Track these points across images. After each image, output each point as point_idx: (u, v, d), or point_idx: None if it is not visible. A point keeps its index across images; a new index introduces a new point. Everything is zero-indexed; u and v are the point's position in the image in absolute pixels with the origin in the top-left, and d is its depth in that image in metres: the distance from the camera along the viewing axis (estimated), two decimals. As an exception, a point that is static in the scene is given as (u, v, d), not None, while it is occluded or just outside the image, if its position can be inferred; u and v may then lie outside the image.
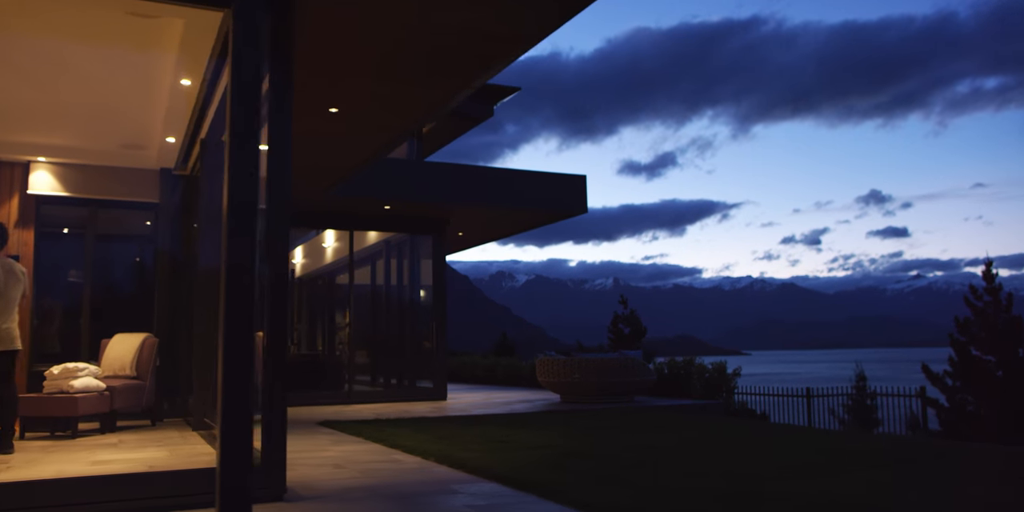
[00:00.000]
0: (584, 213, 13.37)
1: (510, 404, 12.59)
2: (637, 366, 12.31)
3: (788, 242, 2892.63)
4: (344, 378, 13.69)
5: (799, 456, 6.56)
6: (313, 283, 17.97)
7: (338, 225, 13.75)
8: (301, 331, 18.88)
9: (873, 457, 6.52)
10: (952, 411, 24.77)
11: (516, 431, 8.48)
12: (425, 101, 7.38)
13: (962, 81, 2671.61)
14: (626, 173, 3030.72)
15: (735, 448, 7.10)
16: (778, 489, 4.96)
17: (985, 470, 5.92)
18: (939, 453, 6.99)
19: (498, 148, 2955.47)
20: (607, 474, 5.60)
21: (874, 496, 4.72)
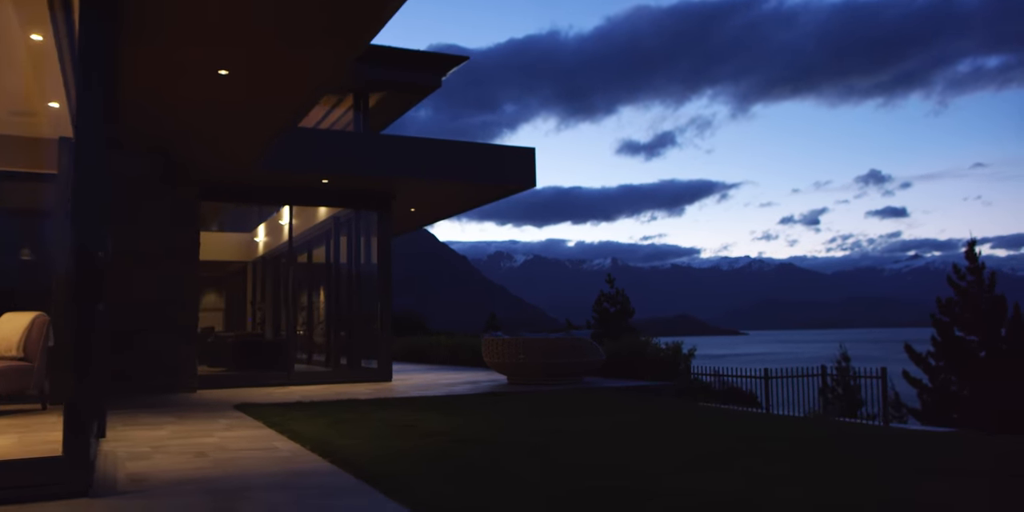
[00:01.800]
0: (532, 187, 12.82)
1: (453, 386, 12.13)
2: (585, 347, 11.84)
3: (787, 222, 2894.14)
4: (287, 359, 13.22)
5: (717, 445, 6.08)
6: (276, 262, 17.48)
7: (275, 200, 13.20)
8: (264, 311, 18.44)
9: (798, 445, 6.05)
10: (935, 391, 24.41)
11: (432, 415, 8.01)
12: (316, 61, 6.83)
13: (963, 60, 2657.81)
14: (625, 153, 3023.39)
15: (657, 435, 6.62)
16: (670, 484, 4.49)
17: (923, 462, 5.43)
18: (884, 440, 6.51)
19: (496, 128, 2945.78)
20: (488, 466, 5.12)
21: (750, 491, 4.25)
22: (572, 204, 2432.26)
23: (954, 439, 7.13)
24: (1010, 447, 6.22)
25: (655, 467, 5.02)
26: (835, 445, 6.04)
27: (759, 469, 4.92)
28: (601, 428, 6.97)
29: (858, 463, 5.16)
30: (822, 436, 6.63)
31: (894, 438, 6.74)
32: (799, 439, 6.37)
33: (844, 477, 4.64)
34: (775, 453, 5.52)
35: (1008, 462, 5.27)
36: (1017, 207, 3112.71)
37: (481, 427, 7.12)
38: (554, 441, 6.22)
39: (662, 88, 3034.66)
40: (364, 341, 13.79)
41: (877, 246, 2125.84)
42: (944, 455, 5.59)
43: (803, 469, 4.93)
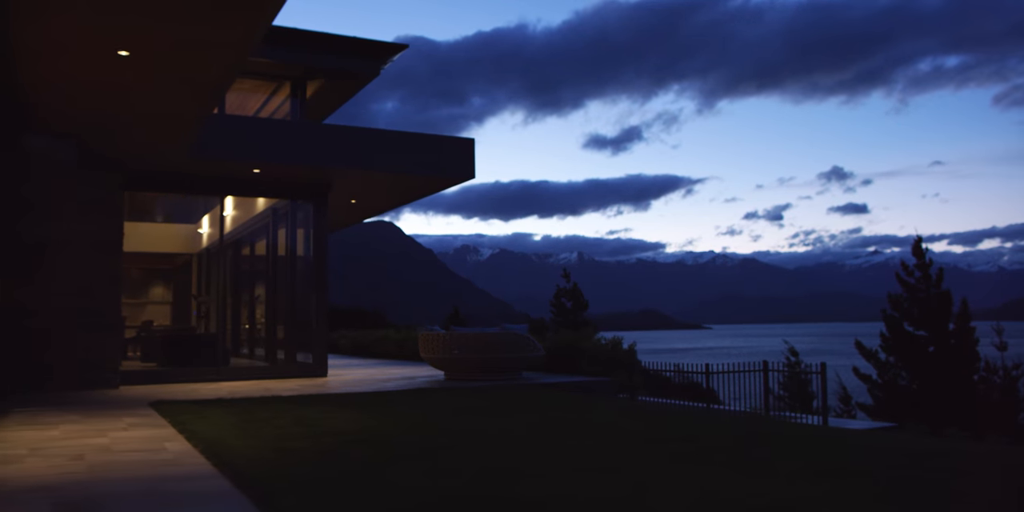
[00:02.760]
0: (471, 178, 12.56)
1: (387, 381, 11.85)
2: (522, 342, 11.62)
3: (751, 217, 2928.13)
4: (219, 354, 12.85)
5: (625, 446, 5.89)
6: (223, 254, 17.04)
7: (208, 190, 12.78)
8: (208, 305, 17.98)
9: (708, 446, 5.87)
10: (884, 386, 24.63)
11: (348, 413, 7.74)
12: (219, 39, 6.50)
13: (924, 59, 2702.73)
14: (592, 147, 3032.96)
15: (568, 435, 6.40)
16: (552, 490, 4.28)
17: (823, 463, 5.26)
18: (796, 439, 6.36)
19: (463, 121, 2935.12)
20: (375, 469, 4.87)
21: (632, 499, 4.05)
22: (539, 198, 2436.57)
23: (873, 437, 7.02)
24: (924, 444, 6.12)
25: (548, 470, 4.81)
26: (743, 445, 5.87)
27: (654, 473, 4.73)
28: (514, 427, 6.76)
29: (752, 465, 4.99)
30: (739, 435, 6.47)
31: (810, 437, 6.60)
32: (712, 439, 6.20)
33: (727, 482, 4.47)
34: (678, 455, 5.33)
35: (900, 460, 5.13)
36: (974, 205, 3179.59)
37: (392, 426, 6.87)
38: (460, 441, 5.99)
39: (629, 83, 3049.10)
40: (301, 336, 13.45)
41: (838, 242, 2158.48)
42: (852, 455, 5.45)
43: (696, 473, 4.75)
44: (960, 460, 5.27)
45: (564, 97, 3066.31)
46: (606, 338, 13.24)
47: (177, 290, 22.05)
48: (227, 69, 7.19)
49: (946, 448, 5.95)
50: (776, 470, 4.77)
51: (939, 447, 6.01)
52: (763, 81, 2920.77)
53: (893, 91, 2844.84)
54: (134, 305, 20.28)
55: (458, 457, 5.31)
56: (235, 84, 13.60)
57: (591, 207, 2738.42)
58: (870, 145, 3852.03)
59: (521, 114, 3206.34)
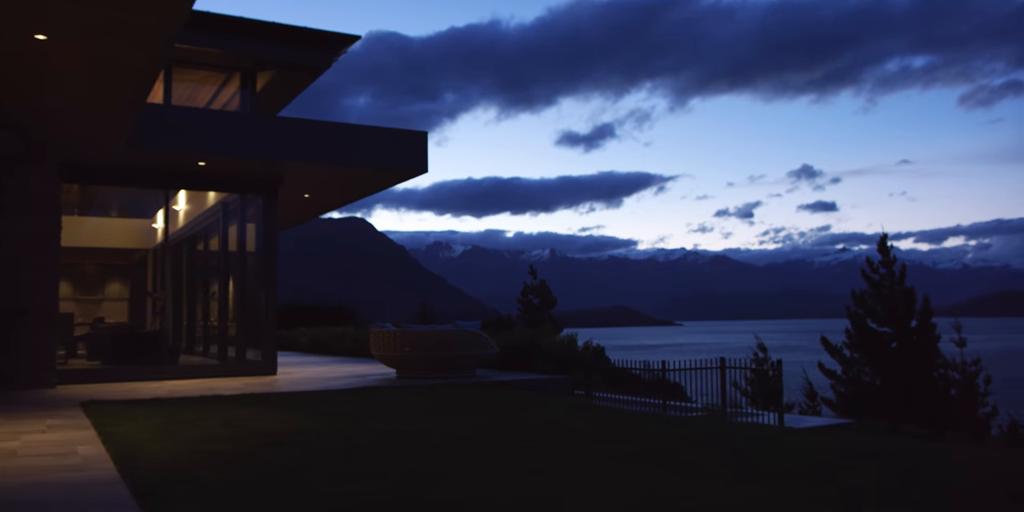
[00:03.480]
0: (424, 172, 12.29)
1: (337, 380, 11.56)
2: (475, 339, 11.38)
3: (722, 215, 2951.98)
4: (164, 351, 12.48)
5: (560, 446, 5.68)
6: (178, 249, 16.62)
7: (151, 183, 12.38)
8: (164, 301, 17.54)
9: (650, 447, 5.68)
10: (848, 382, 24.70)
11: (284, 413, 7.46)
12: (138, 24, 6.19)
13: (892, 59, 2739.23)
14: (564, 144, 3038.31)
15: (503, 437, 6.17)
16: (469, 494, 4.05)
17: (760, 463, 5.08)
18: (732, 440, 6.19)
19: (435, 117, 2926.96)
20: (290, 473, 4.61)
21: (545, 502, 3.84)
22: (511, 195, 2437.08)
23: (822, 436, 6.87)
24: (872, 443, 5.97)
25: (478, 472, 4.59)
26: (688, 445, 5.69)
27: (587, 474, 4.52)
28: (455, 427, 6.52)
29: (693, 465, 4.80)
30: (686, 434, 6.28)
31: (758, 437, 6.43)
32: (658, 439, 6.01)
33: (662, 483, 4.28)
34: (618, 456, 5.13)
35: (845, 460, 4.97)
36: (940, 203, 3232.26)
37: (326, 427, 6.61)
38: (393, 442, 5.75)
39: (602, 80, 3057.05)
40: (252, 333, 13.11)
41: (807, 239, 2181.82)
42: (796, 456, 5.28)
43: (631, 474, 4.55)
44: (906, 459, 5.12)
45: (537, 94, 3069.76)
46: (572, 336, 13.04)
47: (134, 286, 21.57)
48: (151, 54, 6.87)
49: (894, 447, 5.81)
50: (716, 471, 4.59)
51: (887, 446, 5.87)
52: (735, 79, 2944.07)
53: (862, 90, 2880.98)
54: (90, 302, 19.78)
55: (387, 459, 5.07)
56: (183, 75, 13.23)
57: (564, 204, 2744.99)
58: (839, 144, 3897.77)
59: (494, 111, 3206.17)
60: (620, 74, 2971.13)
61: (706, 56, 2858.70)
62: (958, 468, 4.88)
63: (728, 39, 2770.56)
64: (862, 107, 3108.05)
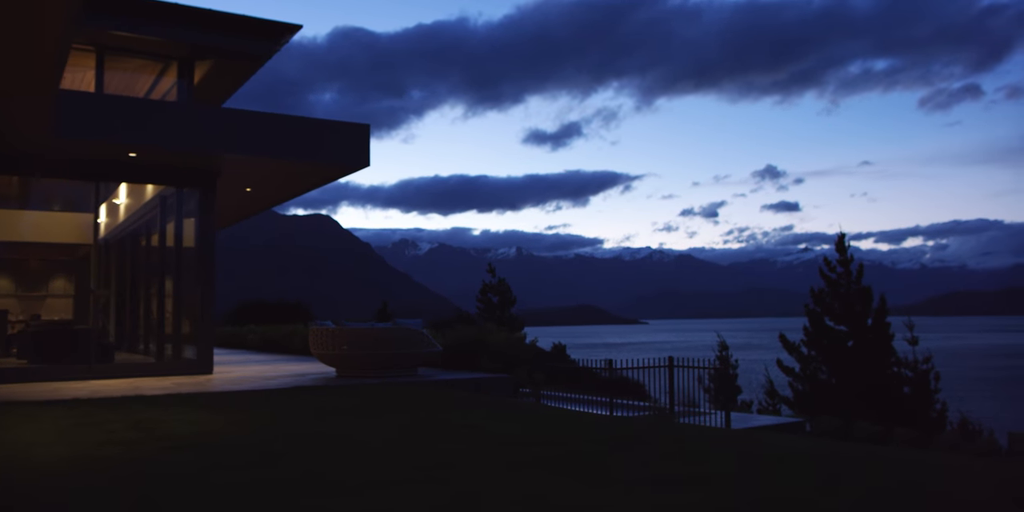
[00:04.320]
0: (366, 166, 11.94)
1: (273, 379, 11.18)
2: (416, 337, 11.07)
3: (687, 214, 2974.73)
4: (91, 349, 12.00)
5: (470, 450, 5.41)
6: (120, 245, 16.09)
7: (79, 174, 11.90)
8: (107, 298, 16.99)
9: (569, 451, 5.42)
10: (805, 380, 24.79)
11: (202, 414, 7.10)
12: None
13: (854, 62, 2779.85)
14: (531, 142, 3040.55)
15: (415, 439, 5.88)
16: (335, 505, 3.76)
17: (664, 469, 4.84)
18: (638, 439, 5.97)
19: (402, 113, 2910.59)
20: (154, 482, 4.29)
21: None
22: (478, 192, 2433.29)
23: (757, 437, 6.68)
24: (803, 446, 5.78)
25: (376, 478, 4.30)
26: (607, 449, 5.45)
27: (487, 481, 4.25)
28: (374, 429, 6.22)
29: (601, 471, 4.56)
30: (611, 437, 6.04)
31: (687, 439, 6.22)
32: (580, 443, 5.76)
33: (560, 490, 4.02)
34: (527, 461, 4.87)
35: (770, 465, 4.76)
36: (900, 204, 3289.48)
37: (238, 429, 6.27)
38: (301, 446, 5.44)
39: (569, 79, 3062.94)
40: (189, 331, 12.68)
41: (771, 239, 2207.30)
42: (719, 461, 5.06)
43: (533, 481, 4.28)
44: (834, 465, 4.92)
45: (504, 92, 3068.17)
46: (518, 334, 12.77)
47: (79, 283, 20.94)
48: (54, 37, 6.47)
49: (824, 451, 5.63)
50: (623, 477, 4.34)
51: (818, 450, 5.68)
52: (700, 80, 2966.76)
53: (825, 92, 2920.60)
54: (33, 298, 19.16)
55: (286, 464, 4.76)
56: (117, 64, 12.75)
57: (530, 202, 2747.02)
58: (802, 144, 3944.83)
59: (461, 108, 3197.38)
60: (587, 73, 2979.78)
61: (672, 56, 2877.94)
62: (874, 469, 4.69)
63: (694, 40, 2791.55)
64: (825, 108, 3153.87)
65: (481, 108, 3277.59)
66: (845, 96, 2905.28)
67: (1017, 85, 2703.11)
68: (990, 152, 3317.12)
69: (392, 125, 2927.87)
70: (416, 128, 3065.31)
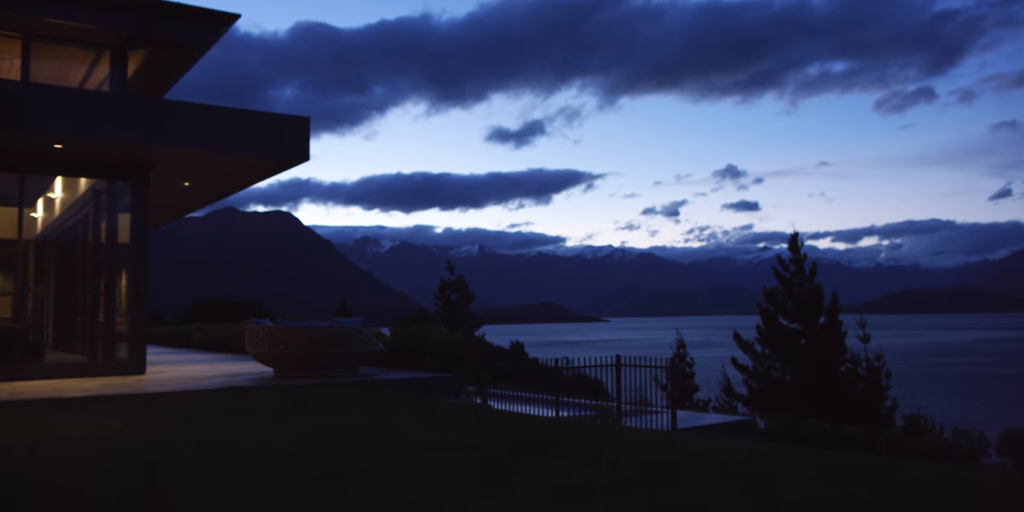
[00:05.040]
0: (306, 160, 11.58)
1: (208, 379, 10.79)
2: (355, 336, 10.76)
3: (649, 213, 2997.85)
4: (22, 349, 11.51)
5: (368, 459, 5.15)
6: (59, 241, 15.49)
7: (1, 166, 11.38)
8: (45, 295, 16.38)
9: (474, 457, 5.19)
10: (759, 377, 24.87)
11: (113, 418, 6.75)
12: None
13: (813, 64, 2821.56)
14: (494, 140, 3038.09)
15: (324, 445, 5.61)
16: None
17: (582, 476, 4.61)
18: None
19: (365, 110, 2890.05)
20: (11, 493, 3.97)
21: None
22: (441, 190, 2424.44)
23: (682, 439, 6.50)
24: (734, 448, 5.60)
25: (267, 488, 4.03)
26: (521, 455, 5.22)
27: (388, 490, 4.00)
28: (280, 434, 5.93)
29: (504, 480, 4.33)
30: (534, 441, 5.81)
31: (610, 442, 6.02)
32: (495, 449, 5.52)
33: (456, 499, 3.79)
34: (435, 468, 4.62)
35: (690, 471, 4.57)
36: (856, 204, 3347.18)
37: (139, 435, 5.94)
38: (194, 453, 5.13)
39: (533, 77, 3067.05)
40: (123, 330, 12.22)
41: (731, 238, 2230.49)
42: (636, 468, 4.85)
43: (434, 489, 4.05)
44: (758, 468, 4.75)
45: (467, 89, 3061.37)
46: (466, 332, 12.50)
47: (17, 280, 20.22)
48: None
49: (751, 455, 5.44)
50: (524, 486, 4.09)
51: (746, 453, 5.49)
52: (662, 80, 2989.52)
53: (784, 93, 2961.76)
54: (-31, 296, 18.43)
55: (174, 472, 4.45)
56: (47, 52, 12.24)
57: (493, 200, 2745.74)
58: (762, 145, 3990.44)
59: (424, 105, 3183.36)
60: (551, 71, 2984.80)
61: (635, 56, 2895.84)
62: (801, 481, 4.53)
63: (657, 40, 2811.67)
64: (784, 109, 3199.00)
65: (444, 105, 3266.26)
66: (804, 97, 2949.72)
67: (968, 89, 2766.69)
68: (942, 154, 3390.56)
69: (354, 122, 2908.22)
70: (379, 125, 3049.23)
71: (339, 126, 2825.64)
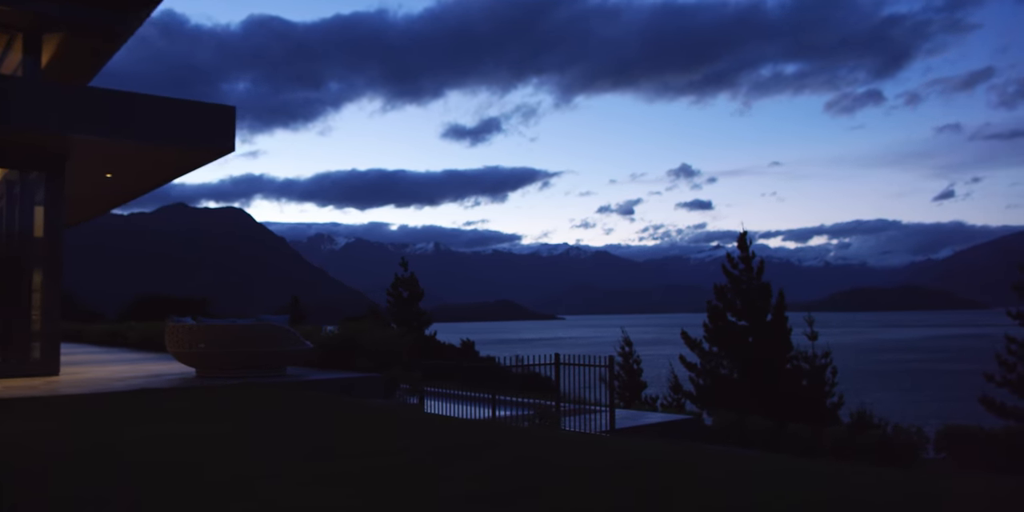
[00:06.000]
0: (231, 151, 11.05)
1: (121, 381, 10.21)
2: (280, 334, 10.30)
3: (604, 211, 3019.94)
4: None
5: (267, 464, 4.76)
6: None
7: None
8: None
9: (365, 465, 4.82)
10: (707, 375, 24.83)
11: (3, 425, 6.23)
12: None
13: (765, 65, 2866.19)
14: (450, 137, 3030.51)
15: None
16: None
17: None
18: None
19: (319, 105, 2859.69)
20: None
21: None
22: (396, 187, 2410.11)
23: (613, 440, 6.21)
24: (656, 451, 5.32)
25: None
26: (433, 460, 4.87)
27: (246, 504, 3.63)
28: (178, 440, 5.50)
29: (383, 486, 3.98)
30: (430, 448, 5.46)
31: (528, 445, 5.70)
32: (379, 457, 5.16)
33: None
34: (322, 478, 4.25)
35: (597, 478, 4.27)
36: (807, 203, 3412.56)
37: (23, 442, 5.46)
38: (51, 463, 4.68)
39: (489, 74, 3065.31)
40: (36, 330, 11.57)
41: (685, 236, 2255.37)
42: (530, 476, 4.53)
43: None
44: (670, 476, 4.46)
45: (424, 86, 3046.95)
46: (400, 330, 12.09)
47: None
48: None
49: (680, 458, 5.16)
50: (442, 494, 3.76)
51: (673, 455, 5.21)
52: (618, 79, 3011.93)
53: (738, 94, 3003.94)
54: None
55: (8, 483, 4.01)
56: (-45, 33, 11.54)
57: (449, 198, 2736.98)
58: (716, 144, 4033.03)
59: (380, 101, 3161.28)
60: (507, 69, 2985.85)
61: (592, 54, 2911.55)
62: (709, 485, 4.25)
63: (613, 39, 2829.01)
64: (738, 110, 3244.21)
65: (400, 102, 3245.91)
66: (757, 98, 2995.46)
67: (915, 92, 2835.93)
68: (889, 155, 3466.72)
69: (308, 117, 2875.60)
70: (333, 120, 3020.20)
71: (293, 121, 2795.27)
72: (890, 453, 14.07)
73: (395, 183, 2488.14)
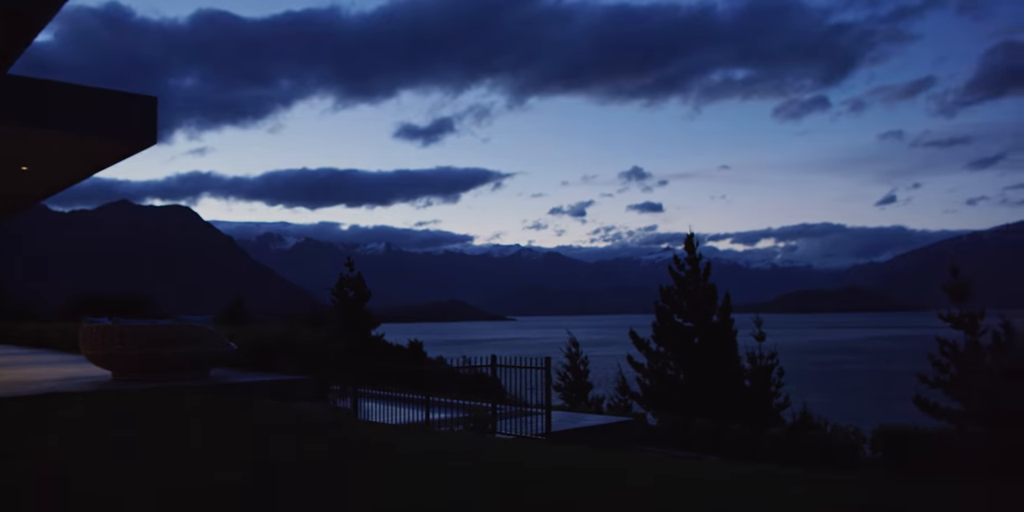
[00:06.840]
0: (152, 144, 10.54)
1: (34, 384, 9.70)
2: (200, 335, 9.85)
3: (556, 213, 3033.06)
4: None
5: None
6: None
7: None
8: None
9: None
10: (653, 376, 24.74)
11: None
12: None
13: (715, 70, 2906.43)
14: (403, 137, 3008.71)
15: (97, 453, 4.81)
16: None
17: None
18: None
19: (269, 103, 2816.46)
20: None
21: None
22: (347, 186, 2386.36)
23: (527, 447, 5.96)
24: (545, 454, 5.08)
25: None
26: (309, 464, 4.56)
27: None
28: (63, 449, 5.10)
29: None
30: (323, 451, 5.16)
31: (434, 455, 5.42)
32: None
33: None
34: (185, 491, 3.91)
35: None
36: (755, 207, 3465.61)
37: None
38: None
39: (442, 74, 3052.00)
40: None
41: (635, 238, 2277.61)
42: (424, 485, 4.25)
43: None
44: (576, 486, 4.21)
45: (376, 85, 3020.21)
46: (329, 331, 11.69)
47: None
48: None
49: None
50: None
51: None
52: (571, 81, 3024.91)
53: (688, 98, 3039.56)
54: None
55: None
56: None
57: (400, 198, 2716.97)
58: (667, 147, 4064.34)
59: (331, 99, 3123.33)
60: (461, 69, 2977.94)
61: (544, 56, 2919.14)
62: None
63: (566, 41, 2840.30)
64: (688, 114, 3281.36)
65: (352, 100, 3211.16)
66: (707, 103, 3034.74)
67: (859, 99, 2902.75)
68: (834, 160, 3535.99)
69: (258, 114, 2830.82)
70: (284, 118, 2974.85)
71: (242, 118, 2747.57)
72: (828, 454, 14.10)
73: (346, 183, 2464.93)
